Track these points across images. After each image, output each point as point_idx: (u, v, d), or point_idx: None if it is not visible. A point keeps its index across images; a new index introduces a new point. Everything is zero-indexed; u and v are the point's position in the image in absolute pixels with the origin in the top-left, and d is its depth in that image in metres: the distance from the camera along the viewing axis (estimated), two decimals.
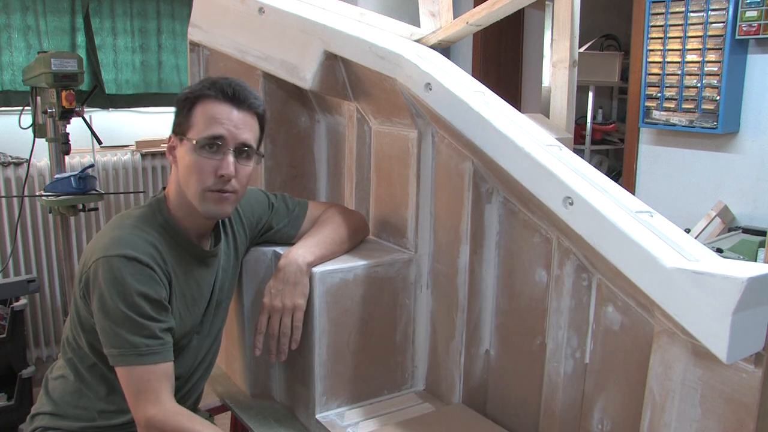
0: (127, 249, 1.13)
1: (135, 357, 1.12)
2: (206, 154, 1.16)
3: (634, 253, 0.91)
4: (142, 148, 3.14)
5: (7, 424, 2.38)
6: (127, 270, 1.12)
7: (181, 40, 3.28)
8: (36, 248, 2.93)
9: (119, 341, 1.12)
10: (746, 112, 2.49)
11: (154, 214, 1.22)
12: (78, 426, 1.24)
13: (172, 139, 1.22)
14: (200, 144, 1.16)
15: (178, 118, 1.21)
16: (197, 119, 1.18)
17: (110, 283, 1.12)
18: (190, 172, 1.17)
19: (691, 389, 0.91)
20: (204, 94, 1.18)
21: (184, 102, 1.20)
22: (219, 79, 1.21)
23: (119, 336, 1.12)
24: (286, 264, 1.30)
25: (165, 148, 1.26)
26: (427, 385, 1.46)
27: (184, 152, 1.18)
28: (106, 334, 1.14)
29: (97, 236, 1.21)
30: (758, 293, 0.80)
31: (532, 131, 1.14)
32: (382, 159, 1.49)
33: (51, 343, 3.03)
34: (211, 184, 1.17)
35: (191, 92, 1.20)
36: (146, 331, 1.13)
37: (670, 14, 2.56)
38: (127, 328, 1.12)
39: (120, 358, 1.13)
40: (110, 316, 1.12)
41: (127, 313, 1.11)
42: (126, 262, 1.12)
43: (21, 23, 2.88)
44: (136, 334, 1.12)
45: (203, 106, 1.18)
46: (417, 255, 1.41)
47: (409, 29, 1.59)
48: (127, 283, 1.12)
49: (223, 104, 1.18)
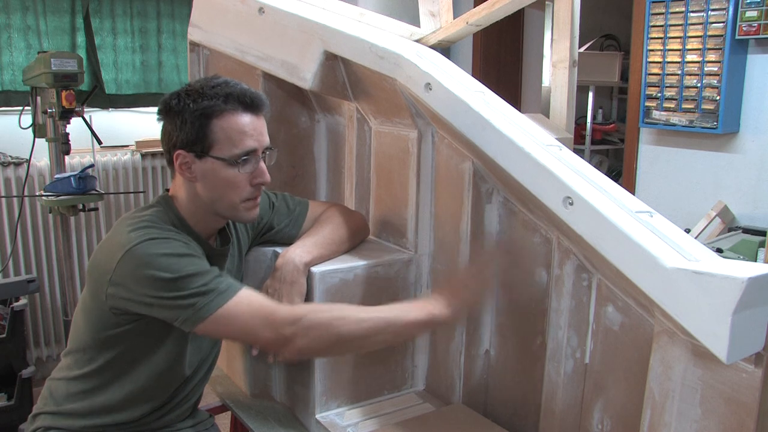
0: (151, 234, 1.12)
1: (218, 298, 1.08)
2: (241, 169, 1.16)
3: (634, 253, 0.91)
4: (142, 148, 3.14)
5: (7, 424, 2.38)
6: (156, 246, 1.10)
7: (181, 40, 3.28)
8: (36, 248, 2.93)
9: (190, 299, 1.07)
10: (746, 112, 2.49)
11: (165, 213, 1.21)
12: (80, 426, 1.24)
13: (183, 156, 1.16)
14: (233, 161, 1.15)
15: (187, 133, 1.15)
16: (219, 135, 1.14)
17: (146, 267, 1.08)
18: (225, 188, 1.17)
19: (691, 389, 0.91)
20: (219, 110, 1.14)
21: (195, 120, 1.14)
22: (226, 88, 1.16)
23: (186, 296, 1.07)
24: (283, 263, 1.29)
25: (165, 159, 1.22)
26: (427, 385, 1.46)
27: (209, 169, 1.16)
28: (172, 305, 1.08)
29: (106, 243, 1.17)
30: (758, 293, 0.80)
31: (532, 131, 1.14)
32: (382, 159, 1.49)
33: (51, 343, 3.02)
34: (248, 194, 1.19)
35: (200, 109, 1.14)
36: (210, 274, 1.10)
37: (670, 14, 2.56)
38: (188, 284, 1.08)
39: (203, 310, 1.07)
40: (165, 288, 1.08)
41: (180, 275, 1.08)
42: (152, 243, 1.10)
43: (21, 23, 2.88)
44: (202, 284, 1.08)
45: (223, 121, 1.15)
46: (417, 255, 1.41)
47: (409, 29, 1.59)
48: (162, 254, 1.09)
49: (244, 115, 1.17)
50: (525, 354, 1.24)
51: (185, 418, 1.36)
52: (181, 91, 1.18)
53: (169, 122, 1.18)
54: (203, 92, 1.16)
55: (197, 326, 1.10)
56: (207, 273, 1.11)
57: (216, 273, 1.12)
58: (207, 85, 1.17)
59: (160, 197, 1.25)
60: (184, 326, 1.10)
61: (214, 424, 1.44)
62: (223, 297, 1.09)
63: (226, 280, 1.12)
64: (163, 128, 1.20)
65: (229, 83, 1.18)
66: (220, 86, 1.17)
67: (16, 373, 2.45)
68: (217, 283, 1.10)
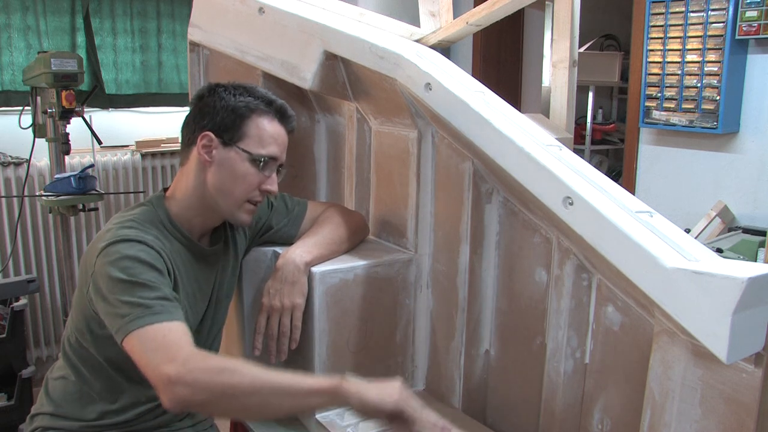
0: (129, 235, 1.12)
1: (149, 317, 1.02)
2: (258, 168, 1.20)
3: (634, 253, 0.91)
4: (142, 148, 3.14)
5: (7, 424, 2.38)
6: (127, 247, 1.09)
7: (181, 40, 3.29)
8: (36, 248, 2.93)
9: (127, 308, 1.03)
10: (746, 112, 2.49)
11: (153, 212, 1.22)
12: (78, 426, 1.24)
13: (208, 138, 1.19)
14: (254, 158, 1.20)
15: (223, 119, 1.19)
16: (252, 131, 1.20)
17: (111, 264, 1.07)
18: (236, 180, 1.20)
19: (691, 389, 0.91)
20: (261, 109, 1.21)
21: (235, 109, 1.20)
22: (269, 96, 1.24)
23: (126, 303, 1.04)
24: (284, 263, 1.30)
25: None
26: (427, 385, 1.46)
27: (230, 158, 1.19)
28: (113, 309, 1.05)
29: (96, 238, 1.19)
30: (758, 293, 0.80)
31: (532, 131, 1.14)
32: (382, 159, 1.49)
33: (51, 343, 3.03)
34: (254, 196, 1.22)
35: (244, 103, 1.20)
36: (157, 291, 1.07)
37: (670, 14, 2.56)
38: (133, 292, 1.04)
39: (131, 323, 1.02)
40: (113, 289, 1.05)
41: (131, 280, 1.06)
42: (126, 243, 1.10)
43: (21, 23, 2.88)
44: (145, 297, 1.04)
45: (260, 121, 1.21)
46: (417, 255, 1.41)
47: (409, 29, 1.59)
48: (127, 257, 1.07)
49: (278, 124, 1.24)
50: (525, 354, 1.24)
51: (184, 417, 1.36)
52: (227, 83, 1.24)
53: (207, 105, 1.22)
54: (252, 91, 1.23)
55: (124, 339, 1.03)
56: (155, 289, 1.07)
57: (162, 294, 1.07)
58: (255, 88, 1.25)
59: (152, 196, 1.26)
60: (117, 338, 1.05)
61: (214, 423, 1.44)
62: (153, 318, 1.03)
63: (168, 305, 1.06)
64: (196, 111, 1.23)
65: (272, 95, 1.25)
66: (266, 93, 1.25)
67: (16, 373, 2.45)
68: (155, 303, 1.05)
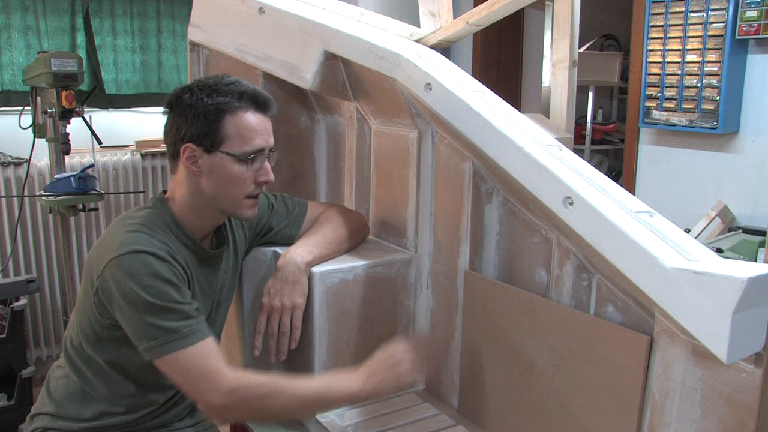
0: (139, 245, 1.12)
1: (178, 341, 1.09)
2: (248, 165, 1.18)
3: (634, 253, 0.91)
4: (142, 148, 3.14)
5: (7, 424, 2.38)
6: (144, 262, 1.10)
7: (181, 40, 3.28)
8: (36, 248, 2.93)
9: (156, 331, 1.09)
10: (746, 112, 2.49)
11: (159, 214, 1.21)
12: (78, 427, 1.24)
13: (190, 149, 1.17)
14: (241, 158, 1.17)
15: (198, 127, 1.16)
16: (231, 132, 1.16)
17: (130, 279, 1.09)
18: (230, 183, 1.18)
19: (691, 389, 0.91)
20: (234, 106, 1.16)
21: (207, 115, 1.15)
22: (240, 86, 1.18)
23: (154, 326, 1.08)
24: (285, 263, 1.30)
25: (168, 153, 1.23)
26: (427, 385, 1.46)
27: (217, 163, 1.17)
28: (139, 328, 1.10)
29: (101, 241, 1.18)
30: (758, 293, 0.80)
31: (532, 131, 1.14)
32: (382, 159, 1.49)
33: (51, 343, 3.03)
34: (252, 191, 1.21)
35: (214, 104, 1.15)
36: (181, 314, 1.10)
37: (670, 14, 2.56)
38: (161, 316, 1.09)
39: (162, 348, 1.09)
40: (139, 309, 1.09)
41: (156, 303, 1.09)
42: (142, 257, 1.10)
43: (21, 23, 2.88)
44: (171, 320, 1.09)
45: (236, 119, 1.16)
46: (417, 255, 1.41)
47: (409, 29, 1.59)
48: (148, 274, 1.09)
49: (255, 114, 1.19)
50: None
51: (184, 417, 1.36)
52: (192, 85, 1.19)
53: (178, 115, 1.18)
54: (217, 88, 1.17)
55: (155, 360, 1.11)
56: (179, 311, 1.11)
57: (186, 313, 1.11)
58: (221, 82, 1.18)
59: (155, 198, 1.25)
60: (144, 355, 1.11)
61: (214, 423, 1.44)
62: (183, 342, 1.09)
63: (193, 324, 1.11)
64: (170, 122, 1.20)
65: (242, 82, 1.20)
66: (234, 84, 1.18)
67: (16, 373, 2.45)
68: (182, 327, 1.10)
